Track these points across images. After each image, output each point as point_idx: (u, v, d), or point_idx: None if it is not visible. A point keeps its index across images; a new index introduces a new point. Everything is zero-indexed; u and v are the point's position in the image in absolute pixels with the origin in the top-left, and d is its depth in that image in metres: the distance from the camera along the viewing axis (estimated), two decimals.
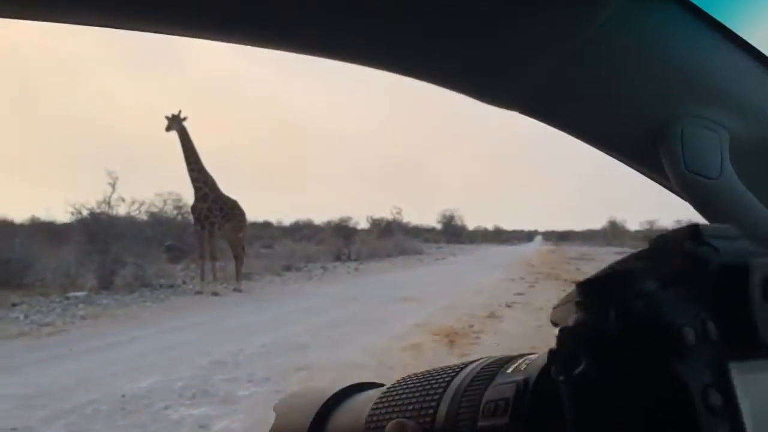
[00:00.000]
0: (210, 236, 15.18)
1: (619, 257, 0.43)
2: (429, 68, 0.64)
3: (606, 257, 29.33)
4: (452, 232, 68.21)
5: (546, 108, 0.66)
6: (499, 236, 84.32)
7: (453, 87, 0.66)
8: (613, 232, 60.08)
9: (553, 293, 14.97)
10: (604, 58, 0.60)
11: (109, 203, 15.58)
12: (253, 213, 37.31)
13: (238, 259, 15.78)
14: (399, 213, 48.12)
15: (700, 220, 0.66)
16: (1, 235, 14.51)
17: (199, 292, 14.25)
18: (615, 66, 0.60)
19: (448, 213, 70.72)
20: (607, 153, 0.68)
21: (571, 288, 0.42)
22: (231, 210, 15.54)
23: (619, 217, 61.74)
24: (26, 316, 10.41)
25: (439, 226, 71.49)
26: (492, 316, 11.20)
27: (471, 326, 9.98)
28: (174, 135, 14.82)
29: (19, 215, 24.11)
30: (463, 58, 0.61)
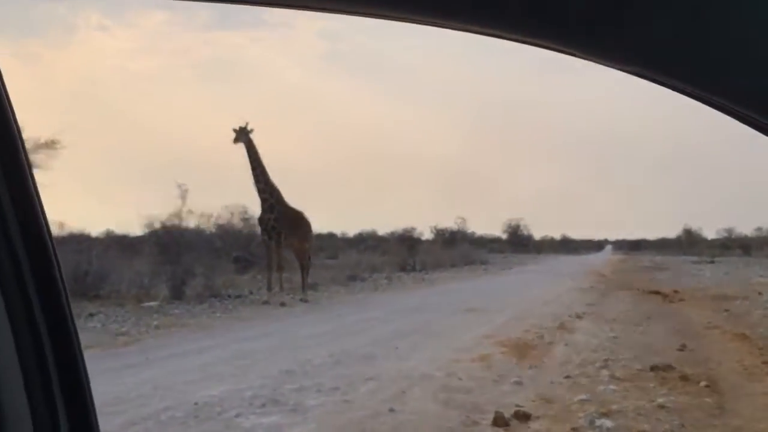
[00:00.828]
0: (277, 247, 15.44)
1: (695, 266, 0.41)
2: (543, 26, 0.62)
3: (682, 267, 28.37)
4: (518, 242, 67.15)
5: (667, 64, 0.62)
6: (566, 246, 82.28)
7: (569, 46, 0.64)
8: (689, 241, 57.72)
9: (627, 304, 14.65)
10: (733, 4, 0.56)
11: (179, 216, 16.09)
12: (318, 224, 37.80)
13: (305, 269, 16.05)
14: (463, 223, 47.75)
15: None
16: (78, 248, 14.85)
17: (266, 302, 14.51)
18: (743, 14, 0.56)
19: (513, 222, 69.44)
20: (731, 111, 0.64)
21: (646, 298, 0.39)
22: (297, 221, 15.85)
23: (695, 225, 59.13)
24: (103, 326, 10.79)
25: (504, 236, 70.36)
26: (562, 327, 11.01)
27: (541, 337, 9.84)
28: (241, 147, 15.21)
29: (95, 229, 25.04)
30: (580, 14, 0.59)
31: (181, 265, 15.02)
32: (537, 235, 77.44)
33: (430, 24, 0.68)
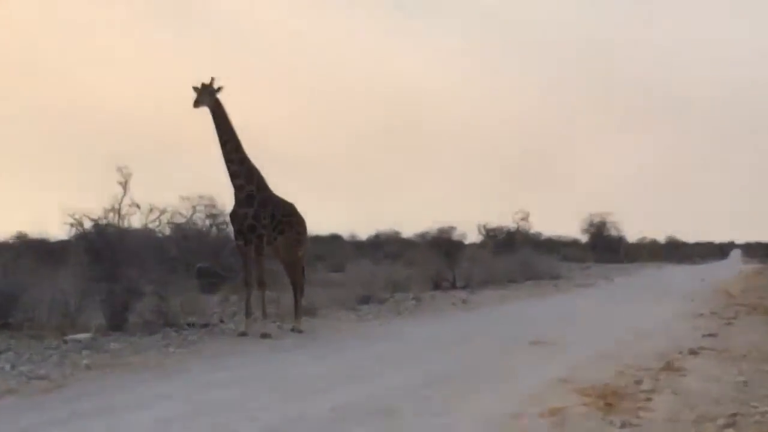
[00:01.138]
0: (257, 255, 15.27)
1: None
2: None
3: None
4: (604, 246, 65.90)
5: None
6: (674, 251, 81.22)
7: None
8: None
9: (762, 334, 14.72)
10: None
11: (119, 211, 16.03)
12: (317, 222, 37.59)
13: (297, 286, 15.91)
14: (525, 219, 47.73)
15: None
16: None
17: (243, 334, 14.48)
18: None
19: (597, 218, 68.26)
20: None
21: None
22: (286, 217, 15.68)
23: None
24: (13, 367, 10.77)
25: (584, 238, 69.74)
26: (669, 368, 10.97)
27: (638, 383, 9.80)
28: (206, 113, 15.11)
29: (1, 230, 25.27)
30: None
31: (122, 282, 14.99)
32: (631, 236, 76.44)
33: None
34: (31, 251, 20.10)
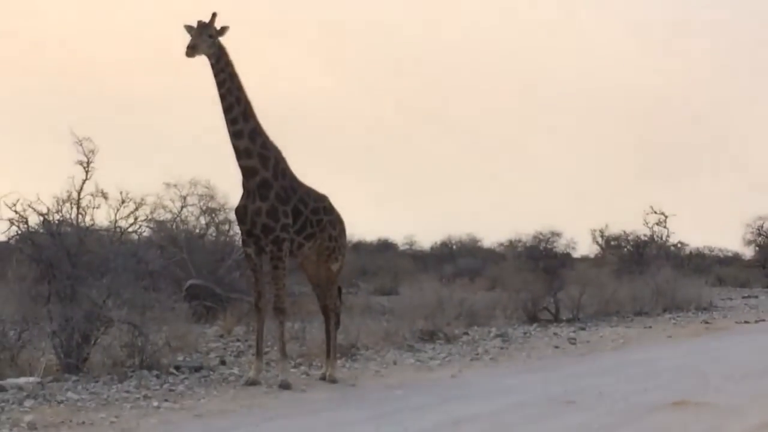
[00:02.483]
0: (275, 269, 13.42)
1: None
2: None
3: None
4: None
5: None
6: None
7: None
8: None
9: None
10: None
11: (78, 203, 14.49)
12: (358, 224, 33.96)
13: (331, 315, 14.14)
14: (662, 223, 42.13)
15: None
16: None
17: (253, 383, 12.76)
18: None
19: (767, 224, 58.57)
20: None
21: None
22: (317, 216, 13.75)
23: None
24: None
25: (748, 252, 60.19)
26: None
27: None
28: (203, 64, 13.15)
29: None
30: None
31: (82, 304, 13.43)
32: None
33: None
34: None
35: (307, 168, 15.00)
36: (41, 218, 14.52)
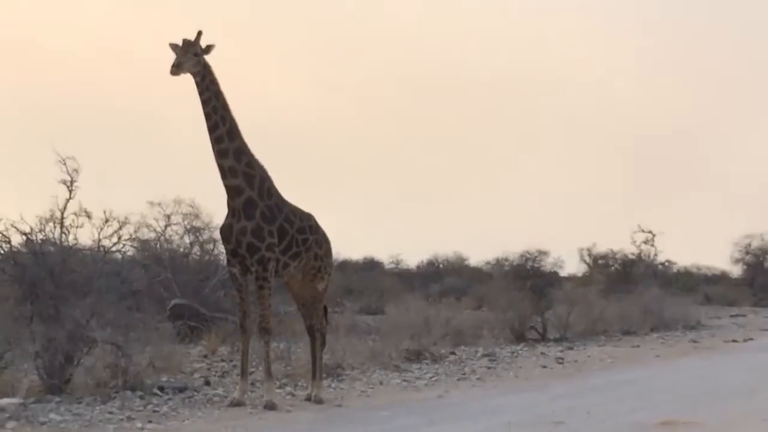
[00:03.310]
0: (259, 288, 13.09)
1: None
2: None
3: None
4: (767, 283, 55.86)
5: None
6: None
7: None
8: None
9: None
10: None
11: (61, 221, 14.10)
12: (346, 243, 33.90)
13: (317, 334, 13.91)
14: (650, 242, 41.71)
15: None
16: None
17: (238, 404, 12.47)
18: None
19: (754, 242, 57.39)
20: None
21: None
22: (302, 234, 13.50)
23: None
24: None
25: (736, 270, 59.01)
26: None
27: None
28: (188, 82, 12.89)
29: None
30: None
31: (65, 324, 12.97)
32: None
33: None
34: None
35: (292, 186, 14.90)
36: (24, 237, 14.27)
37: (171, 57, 12.88)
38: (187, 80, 13.05)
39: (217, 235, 17.22)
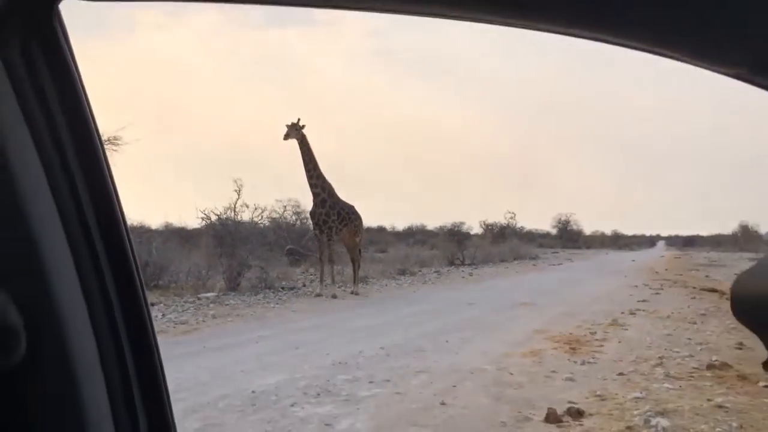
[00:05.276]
0: (328, 241, 15.36)
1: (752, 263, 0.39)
2: (641, 30, 0.56)
3: (738, 264, 27.34)
4: (568, 237, 66.04)
5: None
6: (617, 241, 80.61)
7: (668, 48, 0.58)
8: (745, 237, 55.71)
9: (681, 301, 14.22)
10: None
11: (234, 209, 16.32)
12: (369, 218, 38.35)
13: (355, 262, 15.91)
14: (513, 218, 47.33)
15: None
16: (138, 240, 14.97)
17: (318, 295, 14.43)
18: None
19: (563, 217, 68.47)
20: None
21: (701, 295, 0.37)
22: (348, 215, 15.69)
23: (752, 221, 56.88)
24: (163, 315, 10.94)
25: (554, 231, 69.47)
26: (615, 323, 10.73)
27: (593, 334, 9.63)
28: (294, 143, 15.15)
29: (154, 222, 25.76)
30: (681, 16, 0.53)
31: (237, 258, 15.08)
32: (587, 230, 76.11)
33: (497, 23, 0.63)
34: (175, 236, 20.42)
35: (350, 193, 17.67)
36: (217, 217, 16.01)
37: (284, 131, 15.15)
38: (293, 143, 15.20)
39: (308, 215, 17.41)
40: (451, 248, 28.65)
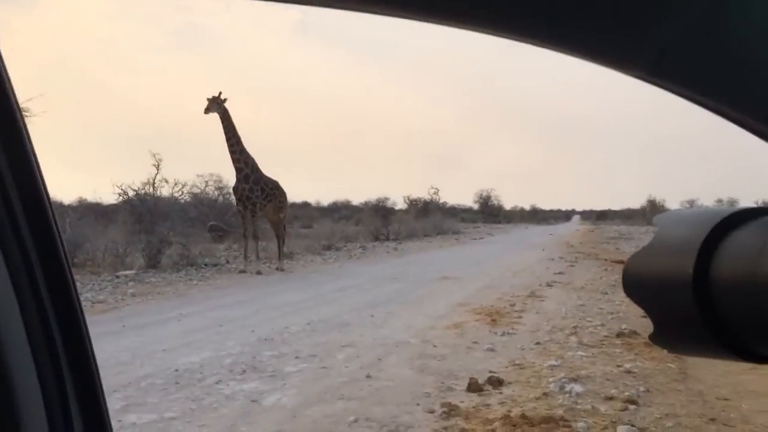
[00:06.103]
0: (252, 216, 15.14)
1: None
2: (543, 28, 0.58)
3: (646, 237, 28.80)
4: (489, 212, 68.40)
5: (674, 72, 0.58)
6: (536, 216, 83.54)
7: (571, 48, 0.60)
8: (653, 211, 58.92)
9: (594, 273, 14.77)
10: (749, 10, 0.52)
11: (153, 184, 16.35)
12: (293, 193, 38.05)
13: (280, 238, 15.84)
14: (436, 193, 48.42)
15: None
16: None
17: (242, 271, 14.30)
18: (761, 20, 0.52)
19: (484, 193, 70.80)
20: (741, 124, 0.62)
21: (612, 267, 0.42)
22: (272, 190, 15.51)
23: (659, 196, 60.29)
24: (80, 294, 10.55)
25: (475, 206, 71.63)
26: (533, 295, 11.09)
27: (512, 305, 9.92)
28: (215, 117, 14.80)
29: (67, 197, 24.67)
30: (582, 16, 0.55)
31: (156, 234, 14.91)
32: (507, 205, 78.67)
33: (436, 22, 0.64)
34: (90, 212, 19.56)
35: (271, 166, 17.55)
36: (135, 192, 15.95)
37: (205, 104, 14.74)
38: (215, 116, 14.81)
39: (231, 191, 16.95)
40: (376, 223, 28.77)
